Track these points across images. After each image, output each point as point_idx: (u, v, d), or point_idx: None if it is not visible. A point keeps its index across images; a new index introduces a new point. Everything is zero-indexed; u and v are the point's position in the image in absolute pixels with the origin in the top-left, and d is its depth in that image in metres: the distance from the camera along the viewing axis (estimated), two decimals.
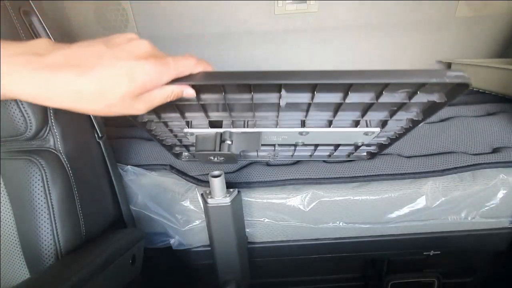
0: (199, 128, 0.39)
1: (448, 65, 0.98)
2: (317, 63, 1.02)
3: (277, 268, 0.71)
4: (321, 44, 0.98)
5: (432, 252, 0.60)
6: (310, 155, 0.52)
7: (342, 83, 0.30)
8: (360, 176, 0.50)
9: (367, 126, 0.39)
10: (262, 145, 0.45)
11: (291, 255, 0.58)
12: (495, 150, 0.52)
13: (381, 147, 0.49)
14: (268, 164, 0.54)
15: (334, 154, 0.51)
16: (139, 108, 0.26)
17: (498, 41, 0.97)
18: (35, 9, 0.39)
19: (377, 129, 0.39)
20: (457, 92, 0.30)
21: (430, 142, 0.54)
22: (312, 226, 0.52)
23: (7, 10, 0.35)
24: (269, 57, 1.00)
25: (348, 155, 0.52)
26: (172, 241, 0.55)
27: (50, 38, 0.41)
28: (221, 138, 0.38)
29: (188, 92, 0.30)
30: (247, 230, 0.53)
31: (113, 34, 0.26)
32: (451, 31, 0.96)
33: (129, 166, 0.54)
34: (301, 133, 0.40)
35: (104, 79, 0.23)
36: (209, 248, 0.50)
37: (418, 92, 0.31)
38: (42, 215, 0.37)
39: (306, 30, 0.95)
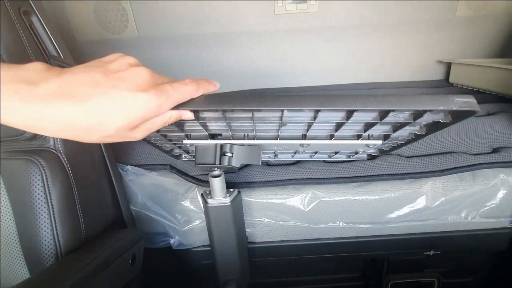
0: (198, 140, 0.38)
1: (448, 65, 0.98)
2: (317, 63, 1.02)
3: (277, 268, 0.71)
4: (321, 44, 0.98)
5: (432, 252, 0.60)
6: (310, 156, 0.52)
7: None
8: (360, 176, 0.50)
9: (369, 139, 0.38)
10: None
11: (291, 255, 0.58)
12: (495, 150, 0.52)
13: (382, 151, 0.49)
14: (268, 164, 0.54)
15: (334, 156, 0.51)
16: (136, 136, 0.25)
17: (498, 41, 0.97)
18: (35, 9, 0.39)
19: (379, 142, 0.38)
20: (464, 116, 0.29)
21: (430, 142, 0.54)
22: (312, 226, 0.52)
23: (7, 10, 0.35)
24: (269, 57, 1.00)
25: (348, 156, 0.52)
26: (172, 241, 0.55)
27: (50, 38, 0.41)
28: (221, 150, 0.38)
29: (187, 115, 0.29)
30: (247, 230, 0.53)
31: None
32: (451, 31, 0.96)
33: (129, 166, 0.54)
34: (302, 144, 0.40)
35: (100, 111, 0.21)
36: (209, 248, 0.50)
37: (424, 115, 0.30)
38: (42, 215, 0.37)
39: (306, 30, 0.95)
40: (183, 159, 0.54)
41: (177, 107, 0.26)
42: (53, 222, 0.38)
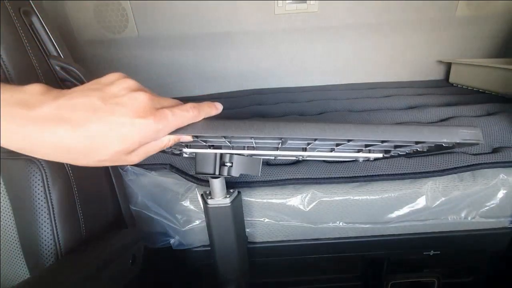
0: (198, 148, 0.38)
1: (448, 65, 0.98)
2: (317, 63, 1.02)
3: (277, 268, 0.71)
4: (321, 44, 0.98)
5: (432, 252, 0.60)
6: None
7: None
8: (360, 176, 0.50)
9: (369, 152, 0.38)
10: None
11: (291, 255, 0.58)
12: (495, 150, 0.52)
13: (383, 157, 0.50)
14: (268, 164, 0.54)
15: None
16: (133, 160, 0.25)
17: (498, 41, 0.98)
18: (35, 9, 0.39)
19: (379, 155, 0.38)
20: (469, 144, 0.29)
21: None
22: (312, 226, 0.52)
23: (7, 10, 0.35)
24: (269, 57, 1.00)
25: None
26: (172, 241, 0.55)
27: (50, 38, 0.41)
28: (221, 160, 0.38)
29: (186, 138, 0.29)
30: (247, 230, 0.53)
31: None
32: (451, 31, 0.96)
33: (129, 166, 0.54)
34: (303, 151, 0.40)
35: (96, 136, 0.21)
36: (209, 248, 0.50)
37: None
38: (42, 215, 0.37)
39: (306, 30, 0.95)
40: (184, 156, 0.54)
41: (176, 131, 0.26)
42: (53, 222, 0.38)
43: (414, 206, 0.50)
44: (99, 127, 0.21)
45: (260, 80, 1.04)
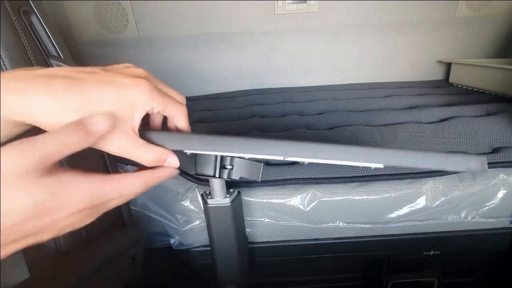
0: (199, 150, 0.39)
1: (448, 65, 0.98)
2: (317, 63, 1.02)
3: (277, 268, 0.71)
4: (321, 44, 0.99)
5: (432, 252, 0.60)
6: None
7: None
8: (360, 176, 0.50)
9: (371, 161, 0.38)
10: None
11: (291, 255, 0.58)
12: (495, 150, 0.52)
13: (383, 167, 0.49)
14: (268, 164, 0.54)
15: None
16: (119, 143, 0.24)
17: (498, 41, 0.98)
18: (35, 9, 0.39)
19: (380, 165, 0.39)
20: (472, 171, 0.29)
21: (430, 142, 0.54)
22: (312, 226, 0.52)
23: (7, 10, 0.35)
24: (269, 57, 1.00)
25: None
26: (172, 241, 0.55)
27: (50, 38, 0.41)
28: (221, 163, 0.38)
29: (173, 162, 0.28)
30: (247, 230, 0.53)
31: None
32: (451, 31, 0.96)
33: (129, 166, 0.54)
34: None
35: (93, 91, 0.22)
36: (209, 248, 0.50)
37: None
38: None
39: (306, 30, 0.95)
40: (186, 154, 0.54)
41: (172, 143, 0.27)
42: None
43: (414, 206, 0.50)
44: (95, 84, 0.22)
45: (260, 80, 1.04)
